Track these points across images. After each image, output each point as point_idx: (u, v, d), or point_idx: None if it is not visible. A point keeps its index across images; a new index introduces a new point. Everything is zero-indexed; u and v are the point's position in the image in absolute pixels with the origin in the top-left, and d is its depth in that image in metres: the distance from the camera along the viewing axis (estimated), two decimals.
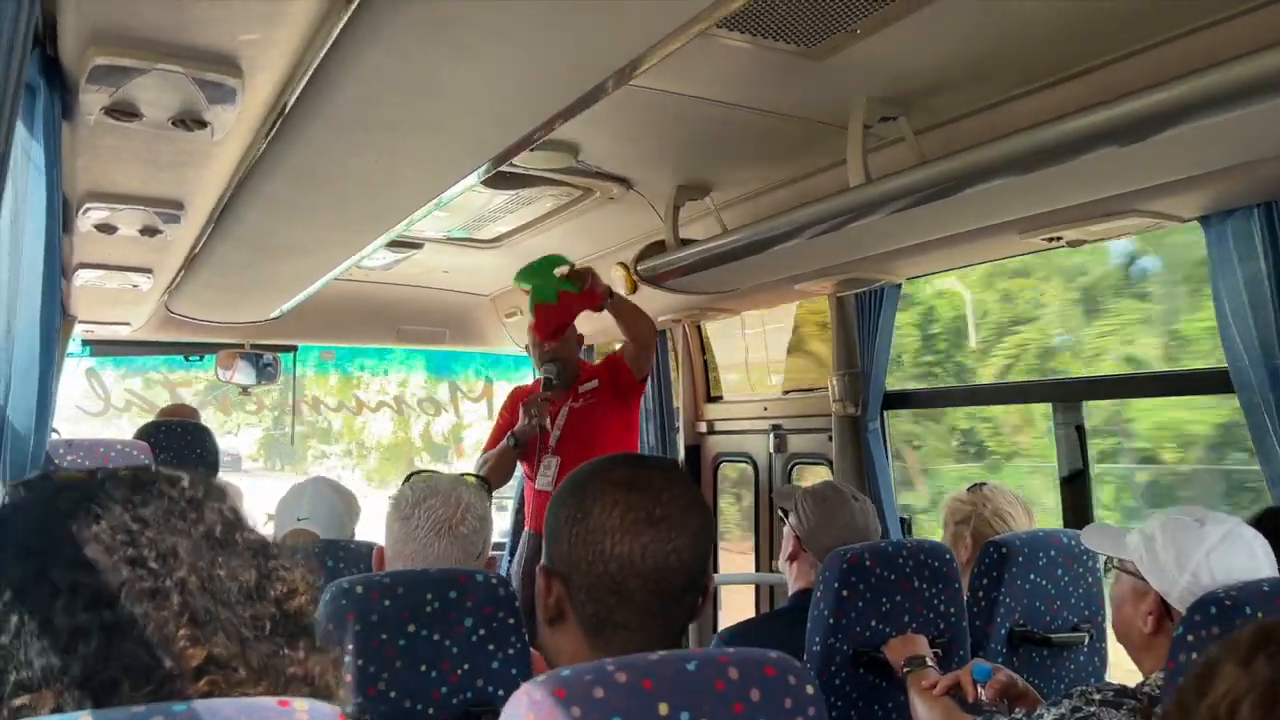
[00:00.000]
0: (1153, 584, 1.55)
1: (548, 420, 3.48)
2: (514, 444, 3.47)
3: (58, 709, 0.68)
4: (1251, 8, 1.62)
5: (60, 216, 1.99)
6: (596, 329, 3.82)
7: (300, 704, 0.70)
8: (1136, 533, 1.63)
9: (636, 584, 1.07)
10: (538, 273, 3.31)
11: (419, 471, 1.98)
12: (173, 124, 1.49)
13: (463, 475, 2.00)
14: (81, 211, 2.07)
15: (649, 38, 1.32)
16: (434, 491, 1.83)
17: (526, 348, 3.70)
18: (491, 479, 3.50)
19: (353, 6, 1.24)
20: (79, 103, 1.43)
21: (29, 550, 0.72)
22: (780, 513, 2.44)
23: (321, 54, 1.36)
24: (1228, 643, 0.64)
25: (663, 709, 0.91)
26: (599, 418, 3.50)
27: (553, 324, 3.41)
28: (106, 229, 2.18)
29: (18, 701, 0.67)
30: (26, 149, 1.40)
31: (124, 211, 2.06)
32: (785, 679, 0.99)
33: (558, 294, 3.29)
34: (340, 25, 1.27)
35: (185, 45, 1.26)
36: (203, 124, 1.50)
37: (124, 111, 1.45)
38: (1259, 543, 1.52)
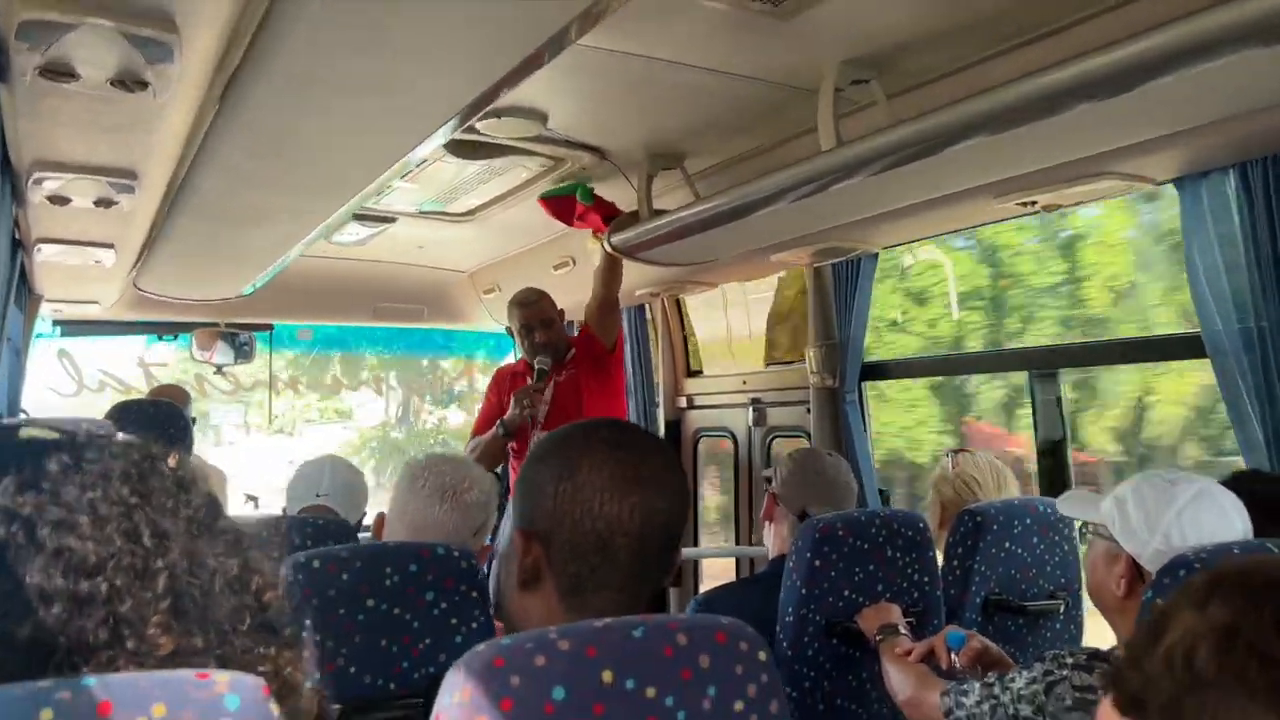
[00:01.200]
0: (1125, 546, 1.53)
1: (540, 409, 3.46)
2: (503, 433, 3.47)
3: None
4: None
5: (9, 187, 1.94)
6: (576, 302, 3.77)
7: (220, 675, 0.67)
8: (1110, 496, 1.61)
9: (622, 542, 1.07)
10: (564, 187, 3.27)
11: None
12: (111, 84, 1.44)
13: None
14: (32, 181, 2.01)
15: None
16: (445, 460, 1.86)
17: (507, 330, 3.67)
18: (481, 461, 3.51)
19: None
20: (12, 62, 1.38)
21: (12, 512, 0.67)
22: (765, 484, 2.43)
23: (261, 11, 1.31)
24: (1181, 589, 0.61)
25: (607, 676, 0.88)
26: (582, 388, 3.50)
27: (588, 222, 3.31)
28: (60, 200, 2.13)
29: None
30: None
31: (75, 181, 2.00)
32: (736, 645, 0.95)
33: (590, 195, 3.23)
34: None
35: None
36: (143, 84, 1.45)
37: (59, 71, 1.39)
38: (1230, 501, 1.50)
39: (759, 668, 0.96)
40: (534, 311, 3.55)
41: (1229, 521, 1.48)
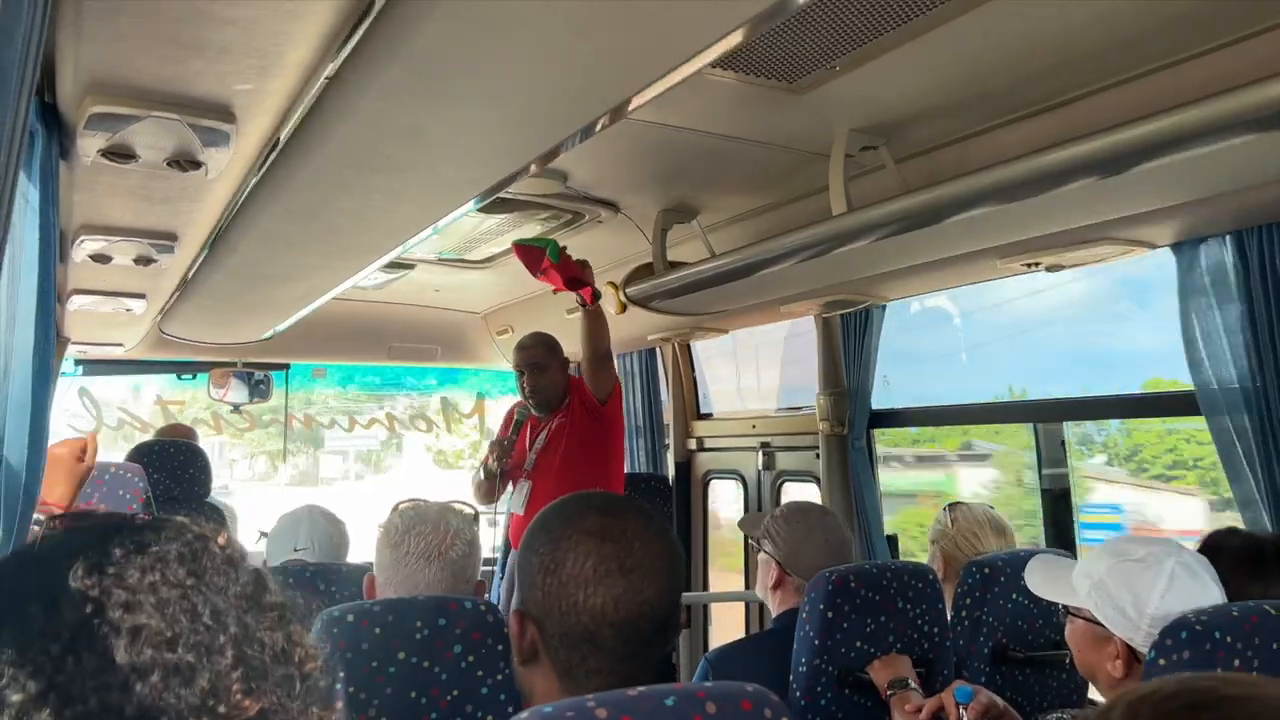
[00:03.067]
0: (1115, 633, 1.55)
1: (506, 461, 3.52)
2: (483, 476, 3.57)
3: None
4: (1221, 45, 1.67)
5: (56, 248, 2.03)
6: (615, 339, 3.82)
7: None
8: (1082, 577, 1.61)
9: (609, 634, 1.09)
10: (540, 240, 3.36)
11: (408, 500, 2.01)
12: (168, 164, 1.53)
13: (449, 503, 2.03)
14: (77, 243, 2.10)
15: (636, 82, 1.36)
16: (423, 519, 1.85)
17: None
18: (479, 499, 3.59)
19: (342, 56, 1.28)
20: (76, 146, 1.47)
21: (84, 595, 0.73)
22: (753, 543, 2.43)
23: (312, 99, 1.40)
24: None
25: None
26: (569, 438, 3.49)
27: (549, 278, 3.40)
28: (101, 259, 2.22)
29: None
30: (24, 189, 1.43)
31: (119, 243, 2.09)
32: (761, 712, 1.02)
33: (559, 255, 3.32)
34: (330, 75, 1.31)
35: (181, 95, 1.30)
36: (197, 165, 1.54)
37: (120, 154, 1.48)
38: (1204, 568, 1.55)
39: None
40: (525, 355, 3.56)
41: (1208, 590, 1.53)
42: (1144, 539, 1.62)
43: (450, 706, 1.69)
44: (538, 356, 3.57)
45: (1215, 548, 1.75)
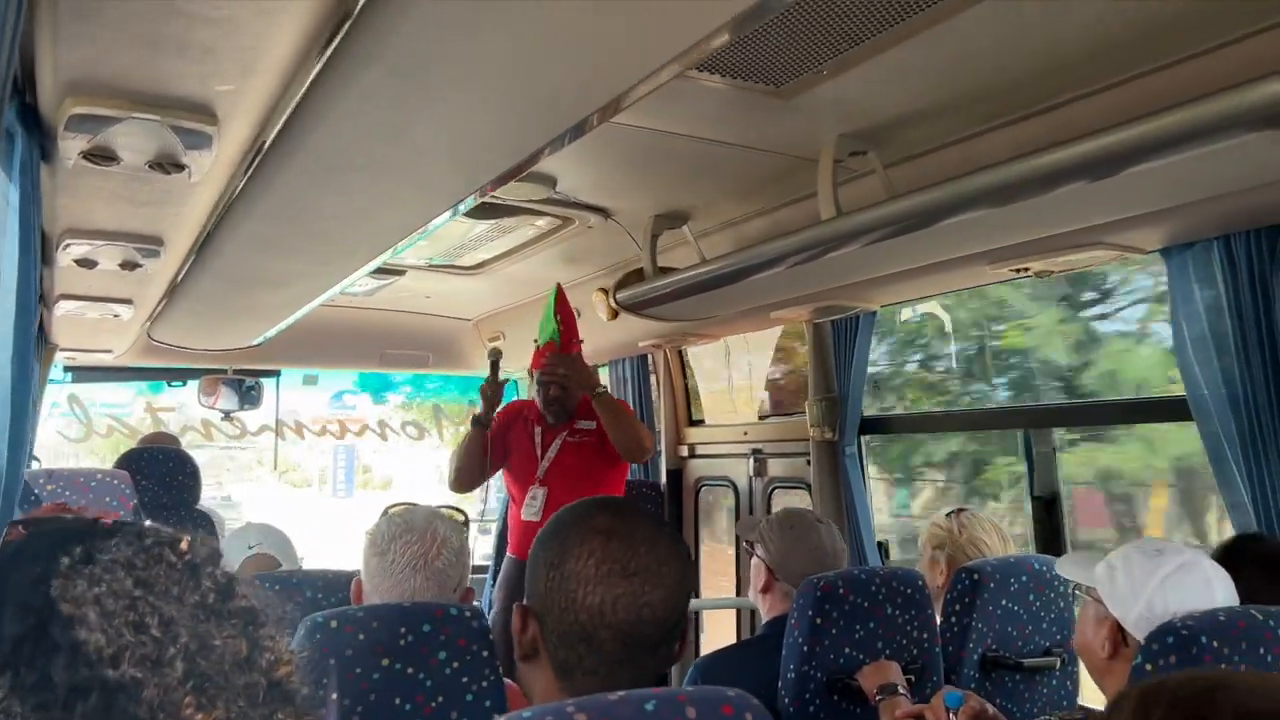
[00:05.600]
0: (1110, 610, 1.61)
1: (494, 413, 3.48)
2: (474, 423, 3.46)
3: None
4: (1209, 49, 1.68)
5: (38, 251, 2.02)
6: (587, 350, 3.82)
7: None
8: (1104, 561, 1.68)
9: (606, 634, 1.08)
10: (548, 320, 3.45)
11: (397, 504, 2.00)
12: (150, 167, 1.52)
13: (439, 508, 2.02)
14: (61, 247, 2.09)
15: (622, 83, 1.35)
16: (410, 527, 1.84)
17: (530, 372, 3.69)
18: (463, 471, 3.47)
19: (325, 56, 1.27)
20: (57, 148, 1.46)
21: (28, 607, 0.72)
22: (746, 545, 2.44)
23: (295, 101, 1.40)
24: (1117, 705, 0.67)
25: None
26: (590, 456, 3.47)
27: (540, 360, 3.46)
28: (87, 264, 2.21)
29: None
30: (4, 190, 1.42)
31: (104, 247, 2.08)
32: (742, 717, 1.01)
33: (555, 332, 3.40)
34: (313, 74, 1.30)
35: (161, 95, 1.29)
36: (180, 167, 1.53)
37: (102, 156, 1.47)
38: (1215, 573, 1.56)
39: None
40: (561, 369, 3.45)
41: (1210, 591, 1.54)
42: (1175, 542, 1.65)
43: (435, 713, 1.68)
44: (576, 350, 3.51)
45: (1239, 552, 1.77)
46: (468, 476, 3.50)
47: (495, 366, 3.52)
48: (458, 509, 3.33)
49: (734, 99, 2.02)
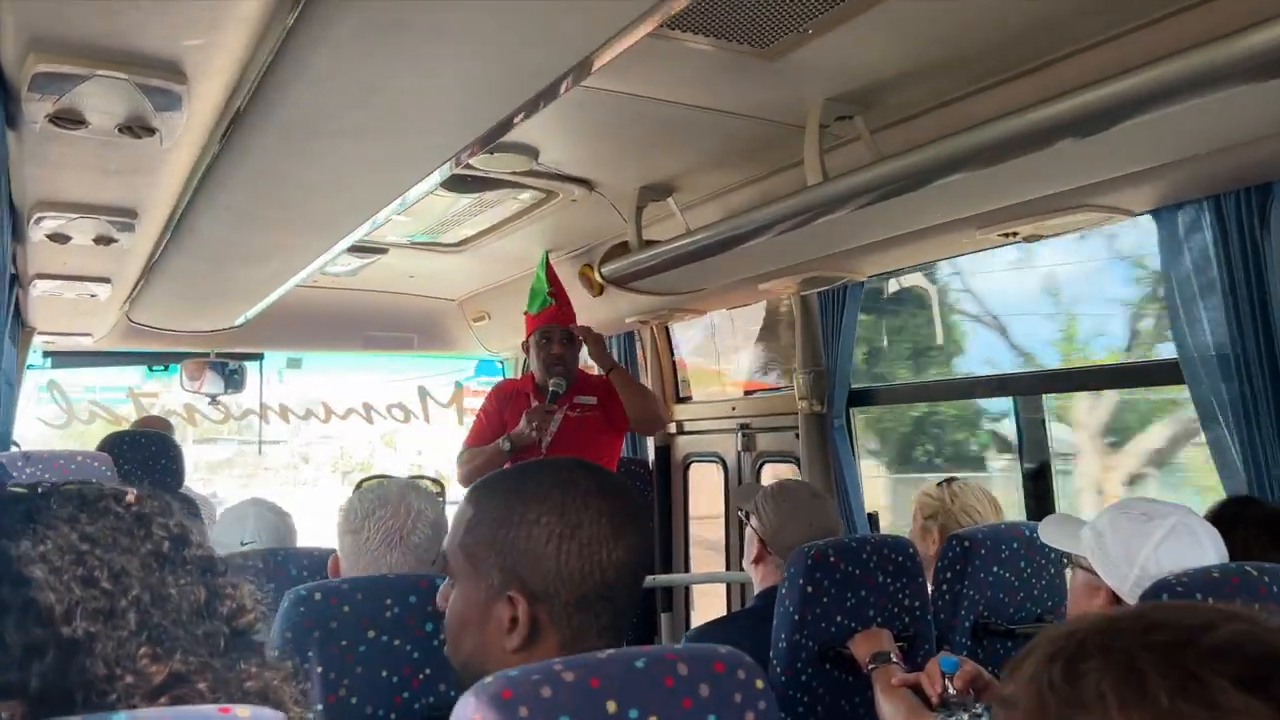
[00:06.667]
0: (1104, 579, 1.58)
1: (545, 431, 3.33)
2: (509, 448, 3.30)
3: None
4: (1198, 2, 1.65)
5: (8, 222, 1.97)
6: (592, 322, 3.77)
7: (242, 710, 0.70)
8: (1089, 527, 1.66)
9: (622, 586, 1.09)
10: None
11: (371, 477, 1.95)
12: (120, 131, 1.48)
13: (415, 479, 1.97)
14: (33, 221, 2.04)
15: (599, 36, 1.32)
16: (383, 502, 1.79)
17: (524, 345, 3.54)
18: (478, 474, 3.31)
19: (297, 10, 1.24)
20: (22, 111, 1.42)
21: None
22: (742, 515, 2.43)
23: (268, 59, 1.36)
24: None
25: (610, 707, 0.91)
26: (591, 431, 3.40)
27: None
28: (60, 238, 2.16)
29: None
30: None
31: (77, 220, 2.03)
32: (735, 674, 0.99)
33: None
34: (285, 30, 1.26)
35: (126, 51, 1.25)
36: (150, 131, 1.48)
37: (69, 119, 1.43)
38: (1204, 530, 1.55)
39: (757, 695, 0.99)
40: (559, 318, 3.40)
41: (1203, 551, 1.53)
42: (1158, 501, 1.62)
43: (423, 685, 1.66)
44: (574, 321, 3.43)
45: (1232, 517, 1.75)
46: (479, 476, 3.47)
47: (556, 396, 3.32)
48: (434, 479, 3.26)
49: (719, 61, 1.99)
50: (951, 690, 1.85)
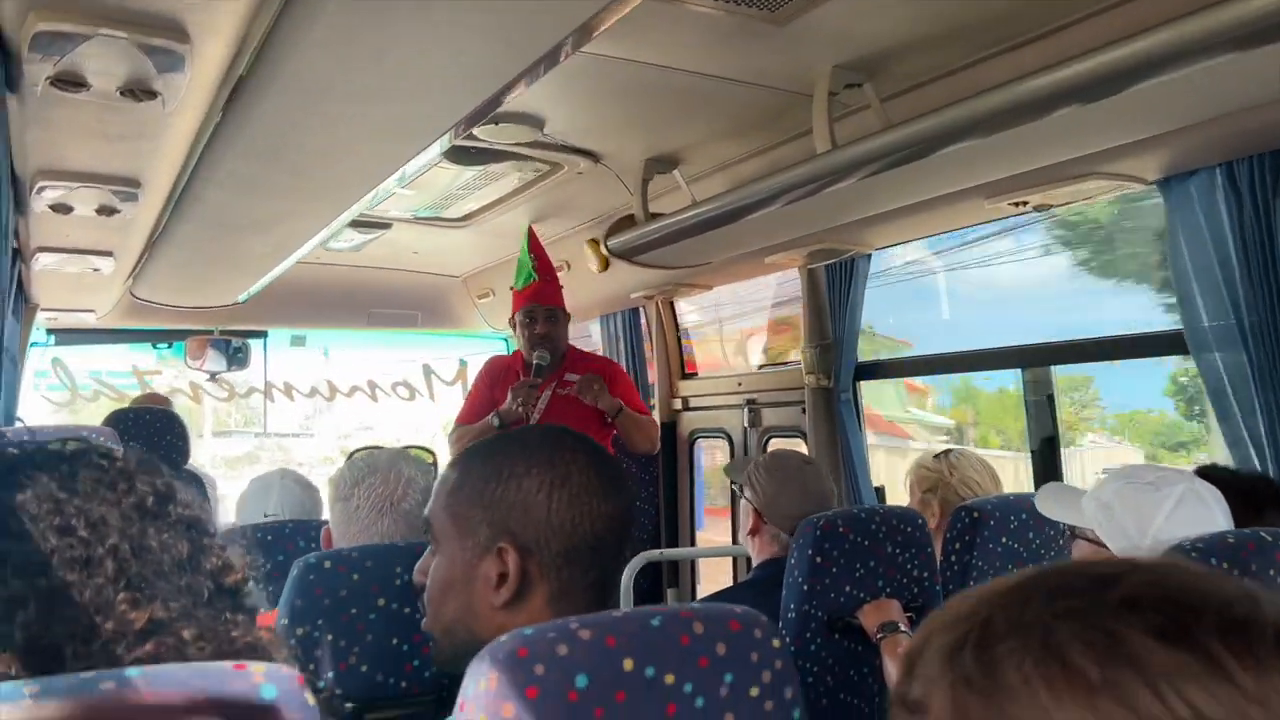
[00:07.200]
0: (1114, 549, 1.54)
1: (532, 407, 3.37)
2: (498, 424, 3.33)
3: (7, 675, 0.68)
4: None
5: (8, 188, 1.96)
6: (578, 304, 3.77)
7: (257, 667, 0.69)
8: (1091, 498, 1.62)
9: (610, 539, 1.10)
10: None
11: (362, 448, 1.95)
12: (121, 94, 1.46)
13: (406, 448, 1.96)
14: (36, 190, 2.03)
15: (591, 5, 1.30)
16: (373, 469, 1.78)
17: (511, 321, 3.56)
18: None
19: None
20: (23, 73, 1.40)
21: None
22: (735, 487, 2.42)
23: (271, 20, 1.34)
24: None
25: (627, 664, 0.90)
26: (580, 407, 3.39)
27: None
28: (62, 209, 2.15)
29: None
30: None
31: (79, 190, 2.02)
32: (751, 633, 0.98)
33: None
34: None
35: (128, 8, 1.23)
36: (152, 94, 1.47)
37: (70, 81, 1.41)
38: (1212, 495, 1.53)
39: (773, 654, 0.98)
40: (542, 294, 3.41)
41: (1213, 517, 1.51)
42: (1158, 467, 1.60)
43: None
44: (558, 299, 3.44)
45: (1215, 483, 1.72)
46: None
47: (540, 370, 3.36)
48: (426, 449, 3.24)
49: (727, 27, 1.96)
50: None
